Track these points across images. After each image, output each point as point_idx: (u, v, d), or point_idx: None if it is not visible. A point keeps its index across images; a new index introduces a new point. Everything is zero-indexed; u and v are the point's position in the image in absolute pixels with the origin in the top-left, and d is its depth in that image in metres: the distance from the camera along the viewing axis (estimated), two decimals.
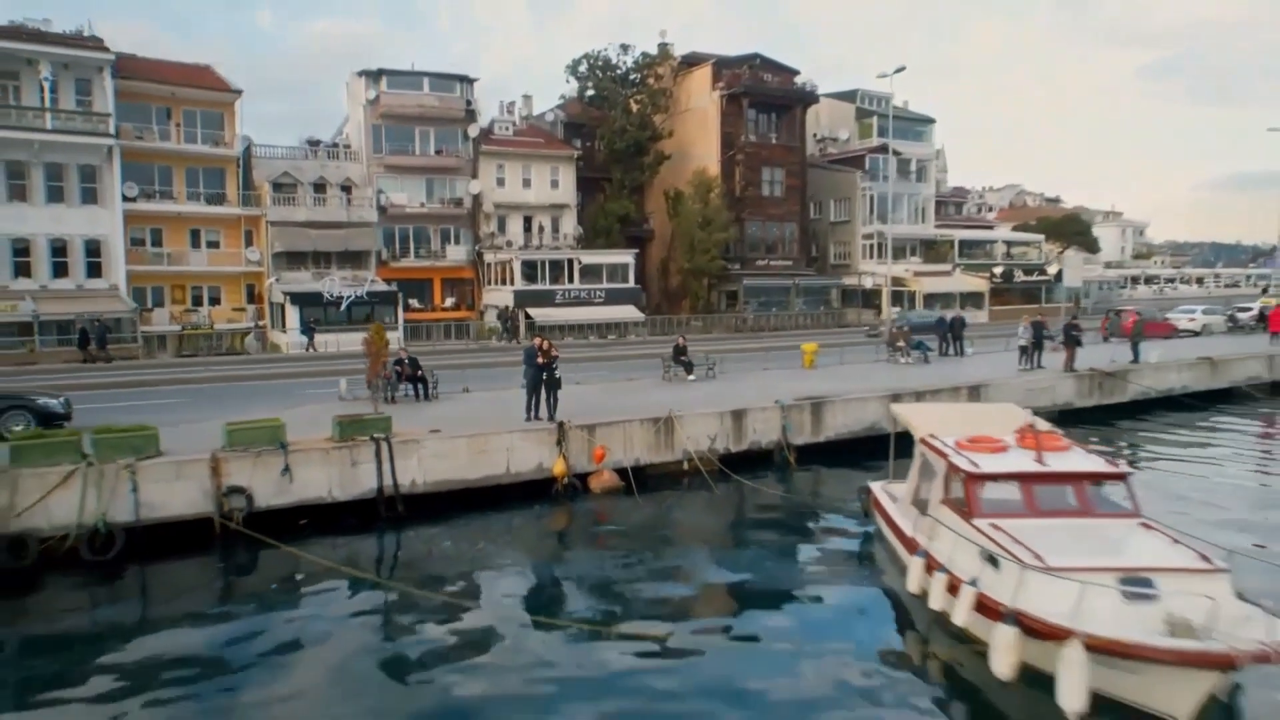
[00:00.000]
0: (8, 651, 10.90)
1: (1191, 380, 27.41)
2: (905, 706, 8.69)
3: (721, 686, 9.20)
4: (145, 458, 13.52)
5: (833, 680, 9.31)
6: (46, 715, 9.03)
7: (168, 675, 9.83)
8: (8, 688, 9.64)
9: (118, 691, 9.42)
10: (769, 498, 16.99)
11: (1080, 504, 9.79)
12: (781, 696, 9.00)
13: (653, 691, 9.18)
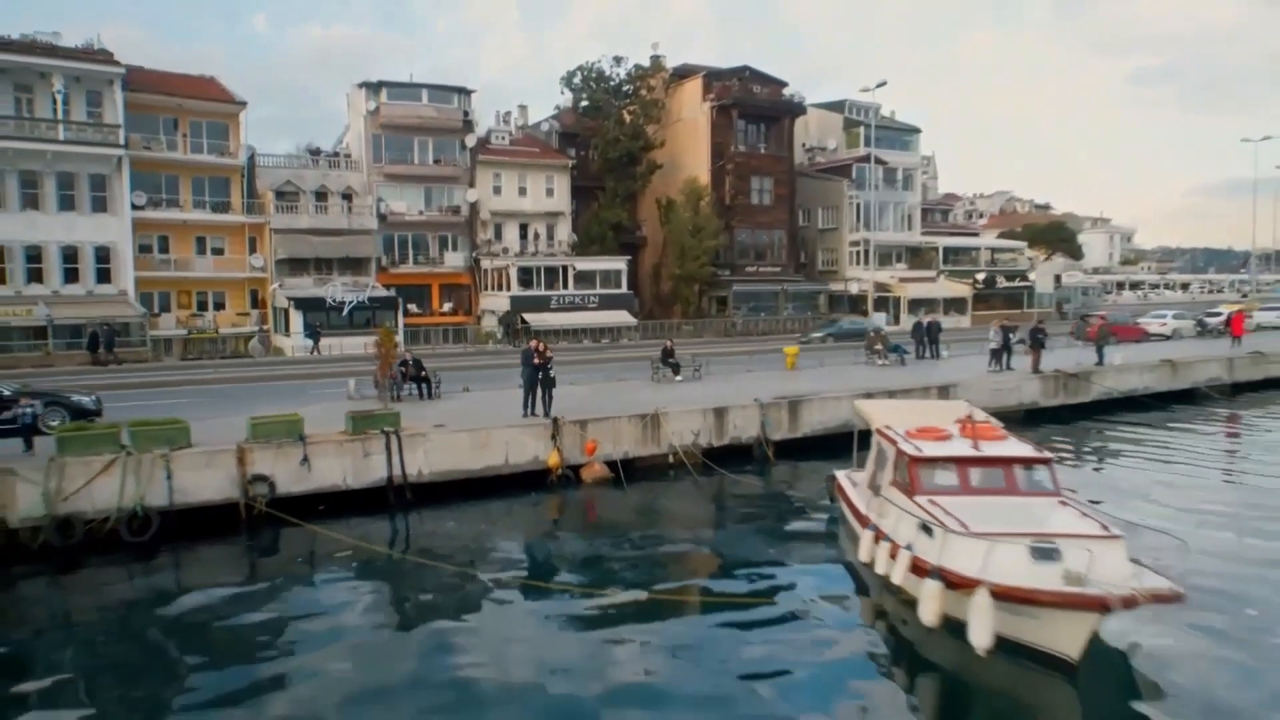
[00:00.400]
0: (60, 619, 12.28)
1: (1153, 381, 28.93)
2: (848, 653, 10.19)
3: (693, 637, 10.67)
4: (178, 448, 14.90)
5: (790, 633, 10.79)
6: (95, 677, 10.40)
7: (201, 640, 11.24)
8: (58, 653, 11.01)
9: (155, 655, 10.81)
10: (748, 488, 18.43)
11: (1008, 484, 11.24)
12: (747, 648, 10.43)
13: (632, 642, 10.63)
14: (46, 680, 10.12)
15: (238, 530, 14.89)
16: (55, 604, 13.02)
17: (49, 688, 9.85)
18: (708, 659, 10.12)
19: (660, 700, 9.18)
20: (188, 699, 9.37)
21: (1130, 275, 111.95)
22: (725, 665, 9.98)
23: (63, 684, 9.89)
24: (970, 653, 9.06)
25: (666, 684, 9.59)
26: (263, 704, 9.18)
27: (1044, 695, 8.91)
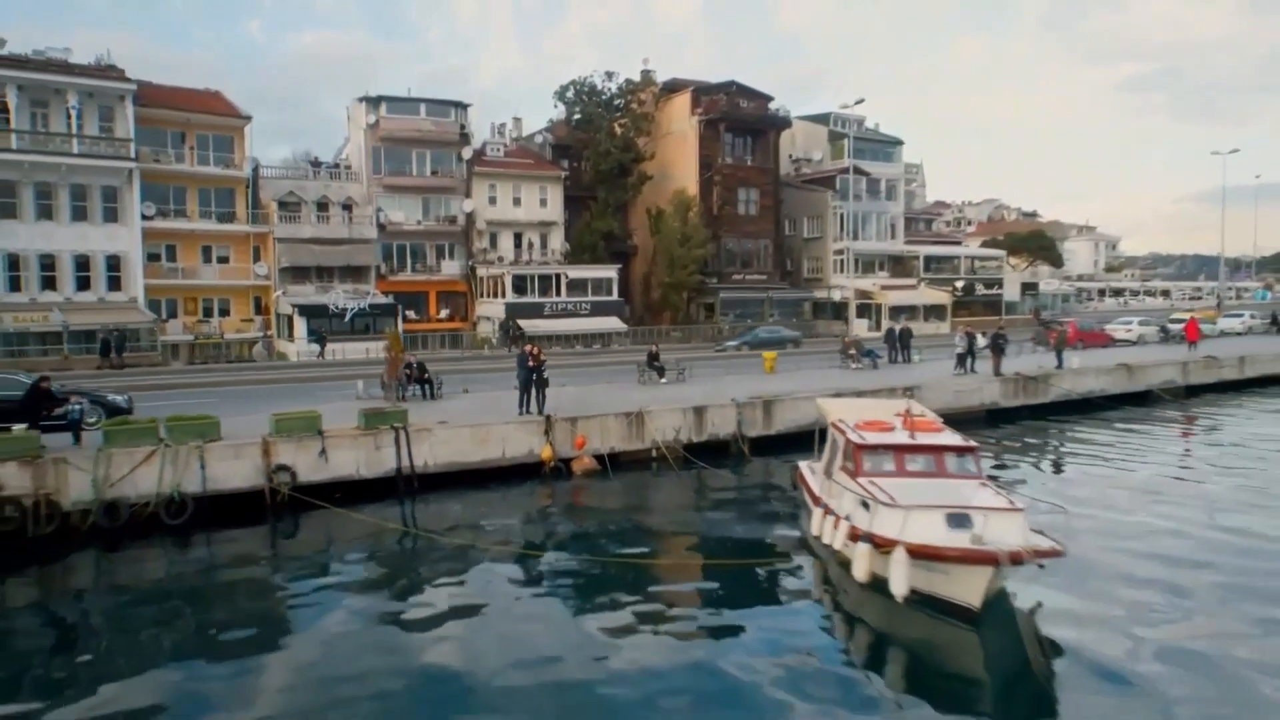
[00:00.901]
0: (107, 592, 14.00)
1: (1109, 384, 30.86)
2: (796, 607, 12.08)
3: (663, 593, 12.49)
4: (210, 441, 16.63)
5: (747, 591, 12.67)
6: (137, 640, 12.16)
7: (231, 607, 13.02)
8: (106, 620, 12.76)
9: (190, 621, 12.56)
10: (723, 480, 20.25)
11: (938, 468, 13.06)
12: (710, 606, 12.28)
13: (612, 599, 12.45)
14: (94, 644, 11.89)
15: (264, 514, 16.63)
16: (103, 578, 14.72)
17: (98, 651, 11.58)
18: (676, 613, 11.96)
19: (631, 643, 10.99)
20: (220, 663, 10.96)
21: (1111, 282, 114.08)
22: (692, 620, 11.81)
23: (108, 648, 11.59)
24: (893, 603, 10.88)
25: (638, 632, 11.40)
26: (286, 662, 10.84)
27: (951, 638, 10.73)
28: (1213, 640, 10.65)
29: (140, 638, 11.68)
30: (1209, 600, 12.03)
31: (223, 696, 9.67)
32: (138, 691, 9.87)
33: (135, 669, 10.56)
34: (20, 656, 11.38)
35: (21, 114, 39.54)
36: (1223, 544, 14.61)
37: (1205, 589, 12.40)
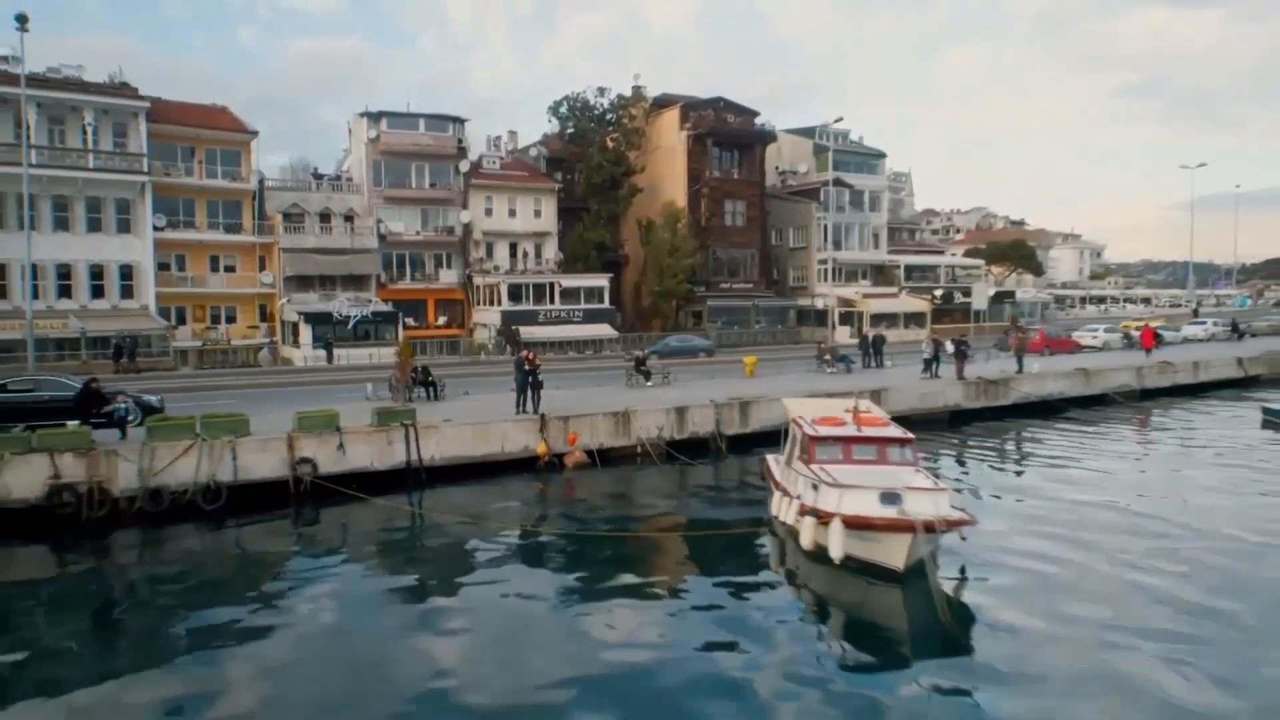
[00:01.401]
0: (151, 568, 15.94)
1: (1067, 387, 33.05)
2: (754, 574, 14.15)
3: (642, 562, 14.54)
4: (240, 436, 18.62)
5: (716, 561, 14.72)
6: (178, 612, 14.15)
7: (261, 582, 15.01)
8: (149, 593, 14.74)
9: (224, 593, 14.55)
10: (702, 473, 22.32)
11: (879, 456, 15.13)
12: (681, 573, 14.33)
13: (599, 568, 14.50)
14: (137, 612, 13.84)
15: (288, 501, 18.62)
16: (148, 556, 16.66)
17: (140, 617, 13.53)
18: (652, 577, 14.02)
19: (612, 603, 13.04)
20: (249, 628, 12.82)
21: (1092, 290, 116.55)
22: (666, 582, 13.86)
23: (148, 616, 13.50)
24: (833, 566, 12.96)
25: (618, 593, 13.45)
26: (306, 629, 12.71)
27: (879, 594, 12.80)
28: (1094, 604, 12.72)
29: (177, 608, 13.57)
30: (1102, 572, 14.13)
31: (250, 656, 11.43)
32: (172, 653, 11.75)
33: (172, 635, 12.38)
34: (76, 619, 13.38)
35: (40, 130, 41.46)
36: (1132, 527, 16.72)
37: (1104, 564, 14.50)
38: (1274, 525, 16.59)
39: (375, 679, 10.51)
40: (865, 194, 66.68)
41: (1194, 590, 13.03)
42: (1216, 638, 11.35)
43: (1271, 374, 40.91)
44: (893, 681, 10.47)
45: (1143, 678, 10.23)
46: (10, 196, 41.08)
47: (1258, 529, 16.29)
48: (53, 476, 16.82)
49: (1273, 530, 16.23)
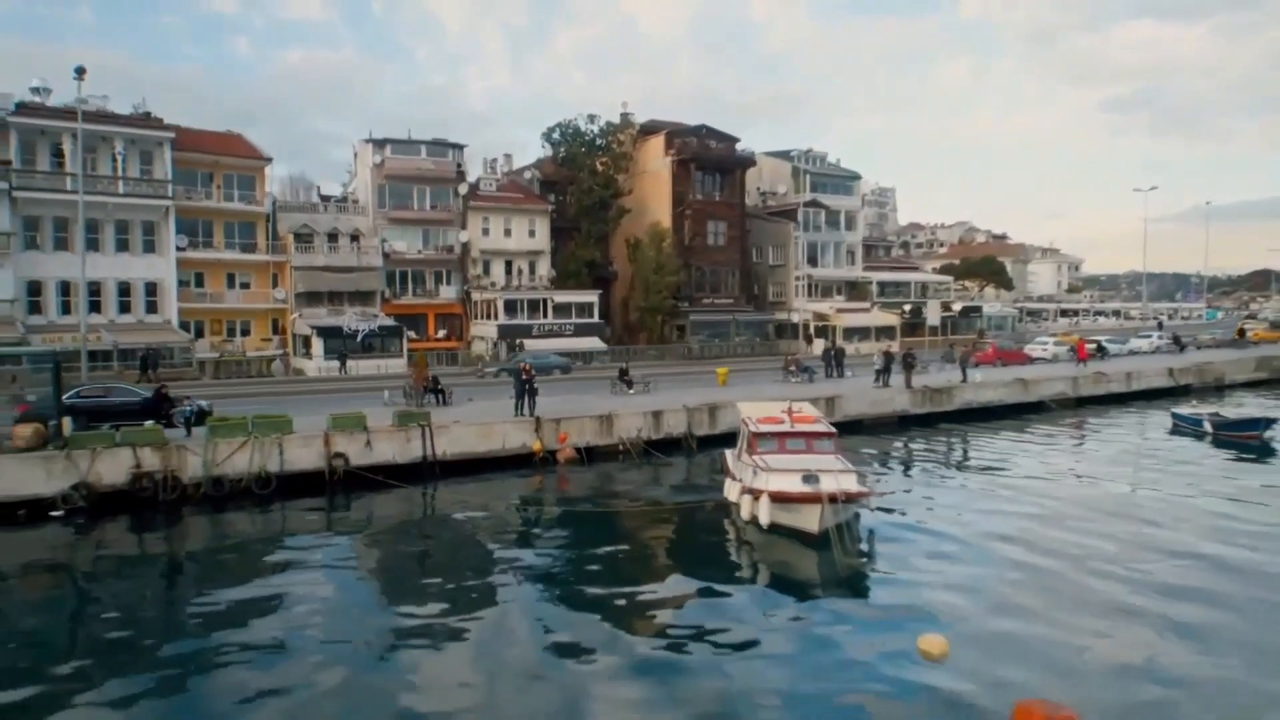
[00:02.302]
0: (216, 543, 19.54)
1: (1006, 395, 36.90)
2: (707, 539, 17.88)
3: (620, 533, 18.29)
4: (286, 434, 22.27)
5: (675, 533, 18.46)
6: (235, 575, 17.83)
7: (302, 552, 18.67)
8: (211, 560, 18.39)
9: (274, 559, 18.20)
10: (675, 467, 26.05)
11: (808, 447, 18.86)
12: (652, 539, 18.07)
13: (586, 538, 18.24)
14: (201, 575, 17.45)
15: (324, 488, 22.26)
16: (212, 532, 20.23)
17: (202, 579, 17.16)
18: (627, 544, 17.74)
19: (593, 560, 16.77)
20: (291, 587, 16.65)
21: (1062, 304, 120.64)
22: (639, 547, 17.59)
23: (210, 579, 17.18)
24: (764, 532, 16.73)
25: (600, 556, 17.19)
26: (334, 588, 16.46)
27: (799, 554, 16.55)
28: (966, 565, 16.49)
29: (235, 571, 17.11)
30: (981, 538, 17.93)
31: (293, 607, 14.97)
32: (226, 607, 15.33)
33: (230, 593, 15.88)
34: (151, 582, 17.04)
35: (73, 158, 45.06)
36: (1025, 510, 20.52)
37: (985, 533, 18.30)
38: (1138, 509, 20.43)
39: (393, 629, 14.22)
40: (841, 213, 70.71)
41: (1050, 556, 16.81)
42: (1050, 576, 15.13)
43: (1201, 383, 44.92)
44: (800, 610, 14.16)
45: (989, 604, 13.99)
46: (46, 220, 44.73)
47: (1125, 512, 20.10)
48: (135, 466, 20.44)
49: (1129, 512, 20.07)
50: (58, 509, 19.52)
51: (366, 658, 12.13)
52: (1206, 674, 11.25)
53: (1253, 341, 60.56)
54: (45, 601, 15.72)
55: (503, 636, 12.98)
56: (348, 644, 12.59)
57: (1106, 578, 15.08)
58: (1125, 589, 14.44)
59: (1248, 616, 13.20)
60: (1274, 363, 49.85)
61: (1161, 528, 18.45)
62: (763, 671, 11.53)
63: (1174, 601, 13.81)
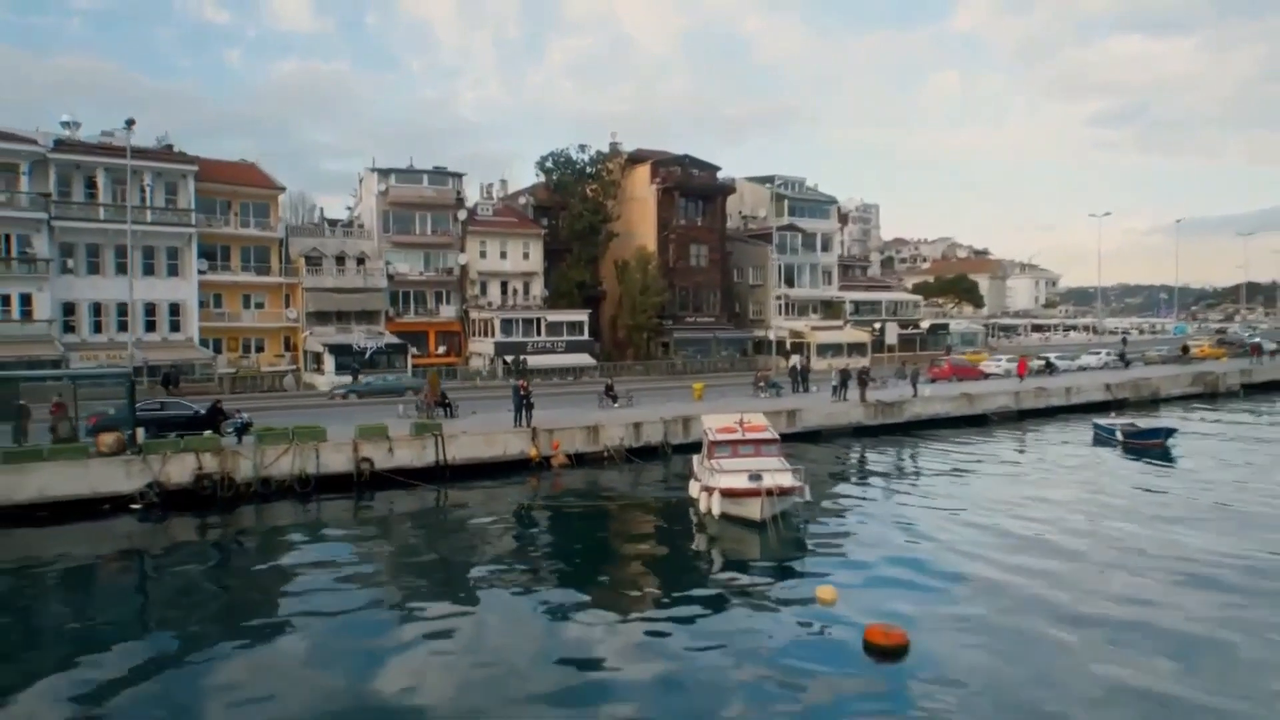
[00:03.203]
0: (266, 534, 23.53)
1: (953, 409, 41.14)
2: (672, 528, 22.05)
3: (604, 524, 22.48)
4: (320, 441, 26.32)
5: (651, 526, 22.62)
6: (281, 554, 21.92)
7: (334, 539, 22.76)
8: (260, 546, 22.44)
9: (315, 545, 22.29)
10: (652, 471, 30.15)
11: (756, 451, 23.01)
12: (629, 527, 22.25)
13: (575, 528, 22.40)
14: (252, 556, 21.48)
15: (353, 488, 26.29)
16: (261, 523, 24.19)
17: (253, 559, 21.22)
18: (609, 533, 21.88)
19: (581, 543, 20.90)
20: (331, 563, 20.78)
21: (1035, 319, 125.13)
22: (619, 533, 21.72)
23: (259, 559, 21.25)
24: (717, 521, 20.89)
25: (586, 539, 21.32)
26: (362, 568, 20.60)
27: (744, 536, 20.71)
28: (882, 548, 20.68)
29: (280, 556, 21.19)
30: (896, 526, 22.12)
31: (325, 580, 19.21)
32: (273, 582, 19.40)
33: (276, 572, 20.05)
34: (213, 562, 21.08)
35: (106, 190, 49.14)
36: (941, 507, 24.73)
37: (902, 522, 22.50)
38: (1037, 501, 24.65)
39: (408, 601, 18.33)
40: (818, 236, 75.22)
41: (939, 535, 20.99)
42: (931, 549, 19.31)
43: (1137, 397, 49.26)
44: (742, 580, 18.26)
45: (878, 569, 18.15)
46: (80, 246, 48.71)
47: (1023, 502, 24.32)
48: (197, 468, 24.45)
49: (1027, 503, 24.30)
50: (135, 504, 23.51)
51: (388, 622, 16.05)
52: (1027, 602, 15.39)
53: (1196, 358, 65.16)
54: (126, 578, 19.79)
55: (504, 606, 17.07)
56: (369, 611, 16.56)
57: (980, 547, 19.29)
58: (990, 555, 18.63)
59: (1093, 565, 17.39)
60: (1207, 378, 54.36)
61: (1048, 521, 22.67)
62: (708, 617, 15.69)
63: (1031, 561, 17.99)
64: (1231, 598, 16.07)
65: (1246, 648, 13.73)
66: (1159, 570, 17.88)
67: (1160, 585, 16.93)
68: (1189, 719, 11.60)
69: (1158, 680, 12.58)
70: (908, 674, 12.88)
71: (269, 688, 12.79)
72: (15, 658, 14.26)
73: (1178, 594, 16.37)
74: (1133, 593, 16.43)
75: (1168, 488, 26.93)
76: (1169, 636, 14.19)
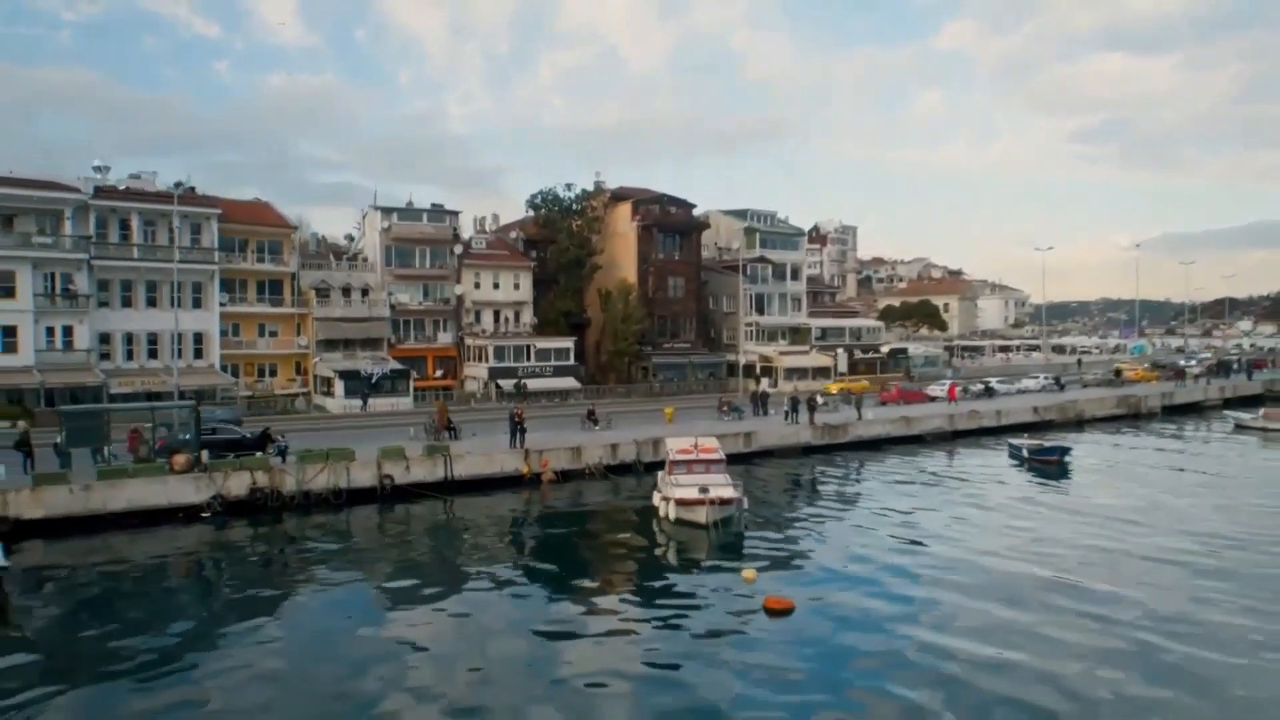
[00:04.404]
0: (307, 532, 29.00)
1: (892, 430, 47.01)
2: (637, 531, 27.78)
3: (584, 526, 28.21)
4: (349, 461, 31.83)
5: (622, 529, 28.36)
6: (322, 551, 27.52)
7: (361, 540, 28.36)
8: (302, 546, 27.98)
9: (345, 544, 27.89)
10: (626, 485, 35.77)
11: (706, 469, 28.67)
12: (605, 531, 27.98)
13: (561, 529, 28.08)
14: (295, 556, 27.00)
15: (377, 499, 31.78)
16: (303, 528, 29.57)
17: (303, 561, 26.76)
18: (588, 533, 27.59)
19: (568, 540, 26.57)
20: (354, 562, 26.38)
21: (999, 340, 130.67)
22: (595, 535, 27.42)
23: (310, 559, 26.81)
24: (672, 524, 26.60)
25: (568, 538, 26.97)
26: (387, 561, 26.21)
27: (694, 535, 26.37)
28: (799, 543, 26.41)
29: (321, 553, 26.73)
30: (816, 527, 27.85)
31: (357, 570, 24.83)
32: (316, 572, 25.02)
33: (318, 565, 25.65)
34: (267, 558, 26.58)
35: (138, 232, 54.51)
36: (856, 508, 30.49)
37: (819, 523, 28.24)
38: (944, 505, 30.45)
39: (420, 591, 23.94)
40: (786, 266, 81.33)
41: (854, 532, 26.72)
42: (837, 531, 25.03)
43: (1063, 419, 55.30)
44: (690, 567, 23.89)
45: (793, 557, 23.86)
46: (115, 282, 54.00)
47: (931, 506, 30.11)
48: (252, 483, 29.90)
49: (914, 519, 30.09)
50: (204, 512, 28.93)
51: (404, 603, 21.68)
52: (886, 585, 21.06)
53: (1128, 380, 71.50)
54: (203, 570, 25.24)
55: (502, 588, 22.67)
56: (390, 593, 22.17)
57: (869, 546, 25.04)
58: (874, 552, 24.38)
59: (947, 562, 23.13)
60: (1130, 400, 60.61)
61: (933, 525, 28.48)
62: (663, 593, 21.38)
63: (906, 560, 23.73)
64: (1061, 574, 21.88)
65: (1040, 623, 19.50)
66: (1009, 560, 23.71)
67: (997, 575, 22.73)
68: (946, 665, 17.27)
69: (952, 641, 18.33)
70: (791, 628, 18.57)
71: (311, 653, 18.22)
72: (133, 626, 19.74)
73: (1011, 581, 22.16)
74: (972, 580, 22.22)
75: (1043, 494, 33.01)
76: (979, 613, 19.95)
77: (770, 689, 15.42)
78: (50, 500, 26.92)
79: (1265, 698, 15.24)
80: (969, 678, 15.77)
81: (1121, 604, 19.73)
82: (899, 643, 17.57)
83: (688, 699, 15.17)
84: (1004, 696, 15.02)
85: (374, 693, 15.45)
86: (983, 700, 14.90)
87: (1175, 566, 23.12)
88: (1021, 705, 14.69)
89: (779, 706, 14.74)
